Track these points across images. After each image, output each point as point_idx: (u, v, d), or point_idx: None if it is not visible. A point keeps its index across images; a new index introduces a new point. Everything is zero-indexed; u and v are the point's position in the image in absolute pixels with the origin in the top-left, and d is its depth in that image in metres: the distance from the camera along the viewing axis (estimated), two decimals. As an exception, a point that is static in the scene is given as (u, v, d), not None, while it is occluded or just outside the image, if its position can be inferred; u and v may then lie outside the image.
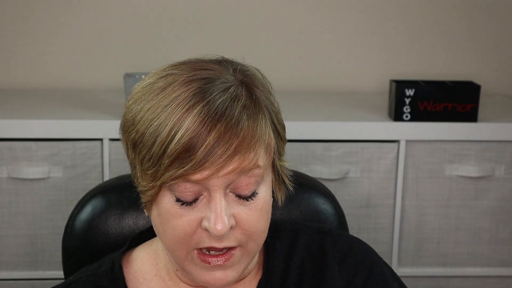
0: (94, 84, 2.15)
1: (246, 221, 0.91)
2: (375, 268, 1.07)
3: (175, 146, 0.86)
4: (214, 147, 0.86)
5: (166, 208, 0.91)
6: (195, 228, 0.90)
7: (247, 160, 0.88)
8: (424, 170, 1.81)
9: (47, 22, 2.11)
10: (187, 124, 0.86)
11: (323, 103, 2.01)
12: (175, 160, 0.86)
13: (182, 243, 0.91)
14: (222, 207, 0.88)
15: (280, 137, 0.97)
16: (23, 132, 1.71)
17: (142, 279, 1.03)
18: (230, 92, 0.89)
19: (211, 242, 0.90)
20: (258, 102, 0.92)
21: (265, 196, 0.93)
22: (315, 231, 1.09)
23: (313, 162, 1.78)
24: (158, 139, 0.87)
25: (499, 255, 1.87)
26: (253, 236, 0.93)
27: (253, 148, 0.88)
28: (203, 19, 2.14)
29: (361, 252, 1.08)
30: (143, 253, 1.06)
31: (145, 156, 0.89)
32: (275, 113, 0.95)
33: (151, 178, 0.89)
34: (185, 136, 0.86)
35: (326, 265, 1.05)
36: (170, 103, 0.88)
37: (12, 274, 1.78)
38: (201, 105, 0.87)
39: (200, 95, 0.88)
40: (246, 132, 0.87)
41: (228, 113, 0.87)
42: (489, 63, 2.23)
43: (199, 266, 0.93)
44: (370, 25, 2.19)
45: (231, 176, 0.88)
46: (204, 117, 0.86)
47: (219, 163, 0.86)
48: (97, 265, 1.06)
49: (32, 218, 1.75)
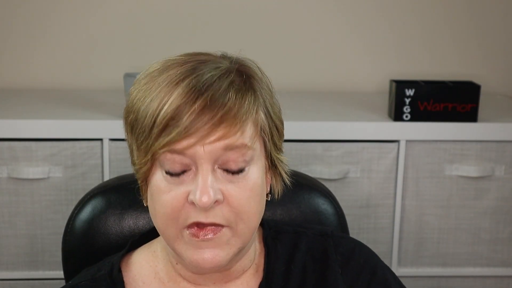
0: (94, 84, 2.15)
1: (234, 198, 0.91)
2: (377, 271, 1.07)
3: (163, 115, 0.89)
4: (200, 114, 0.88)
5: (156, 185, 0.93)
6: (183, 203, 0.91)
7: (232, 131, 0.90)
8: (424, 170, 1.81)
9: (47, 22, 2.11)
10: (175, 95, 0.90)
11: (323, 103, 2.01)
12: (163, 129, 0.89)
13: (171, 220, 0.92)
14: (207, 179, 0.90)
15: (277, 129, 0.98)
16: (23, 132, 1.71)
17: (141, 283, 1.03)
18: (221, 69, 0.93)
19: (198, 217, 0.91)
20: (249, 83, 0.94)
21: (256, 178, 0.94)
22: (317, 234, 1.09)
23: (313, 162, 1.78)
24: (149, 111, 0.91)
25: (499, 255, 1.88)
26: (243, 216, 0.92)
27: (239, 121, 0.90)
28: (203, 19, 2.14)
29: (363, 255, 1.08)
30: (142, 256, 1.06)
31: (139, 132, 0.92)
32: (271, 105, 0.97)
33: (144, 153, 0.92)
34: (172, 105, 0.89)
35: (329, 268, 1.04)
36: (163, 81, 0.92)
37: (12, 274, 1.78)
38: (189, 79, 0.91)
39: (190, 71, 0.92)
40: (232, 104, 0.90)
41: (216, 85, 0.90)
42: (489, 63, 2.23)
43: (189, 244, 0.93)
44: (370, 25, 2.19)
45: (218, 149, 0.89)
46: (191, 88, 0.90)
47: (204, 130, 0.88)
48: (96, 268, 1.05)
49: (32, 218, 1.75)
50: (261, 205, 0.96)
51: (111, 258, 1.07)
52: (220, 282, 1.02)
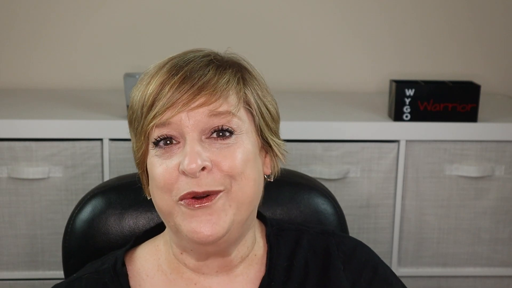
0: (94, 84, 2.15)
1: (224, 162, 0.94)
2: (379, 269, 1.09)
3: (149, 94, 0.96)
4: (180, 84, 0.94)
5: (151, 162, 0.97)
6: (175, 175, 0.94)
7: (213, 99, 0.94)
8: (424, 170, 1.81)
9: (47, 22, 2.12)
10: (159, 75, 0.97)
11: (323, 103, 2.01)
12: (150, 106, 0.95)
13: (166, 193, 0.95)
14: (194, 147, 0.93)
15: (268, 111, 1.01)
16: (23, 132, 1.71)
17: (145, 276, 1.04)
18: (204, 53, 1.00)
19: (192, 187, 0.93)
20: (232, 64, 1.00)
21: (247, 145, 0.97)
22: (319, 232, 1.11)
23: (313, 162, 1.78)
24: (140, 97, 0.98)
25: (499, 255, 1.88)
26: (237, 178, 0.95)
27: (219, 90, 0.95)
28: (203, 19, 2.14)
29: (365, 254, 1.10)
30: (146, 250, 1.08)
31: (135, 119, 0.99)
32: (260, 89, 1.01)
33: (139, 136, 0.98)
34: (156, 82, 0.96)
35: (331, 265, 1.06)
36: (150, 73, 0.99)
37: (12, 274, 1.78)
38: (172, 62, 0.98)
39: (176, 56, 1.00)
40: (212, 75, 0.96)
41: (196, 61, 0.97)
42: (489, 63, 2.23)
43: (185, 214, 0.94)
44: (370, 25, 2.19)
45: (202, 117, 0.94)
46: (173, 66, 0.96)
47: (186, 98, 0.93)
48: (100, 262, 1.07)
49: (32, 218, 1.75)
50: (255, 173, 0.98)
51: (115, 252, 1.09)
52: (222, 271, 1.03)
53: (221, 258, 1.02)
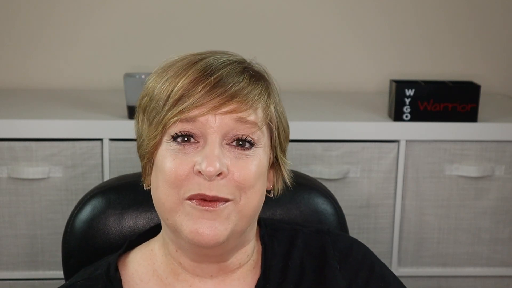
0: (94, 84, 2.15)
1: (239, 172, 0.93)
2: (375, 267, 1.08)
3: (178, 88, 0.93)
4: (214, 87, 0.92)
5: (162, 154, 0.95)
6: (187, 172, 0.93)
7: (243, 107, 0.93)
8: (424, 170, 1.81)
9: (47, 23, 2.12)
10: (191, 71, 0.94)
11: (323, 103, 2.01)
12: (177, 100, 0.93)
13: (174, 189, 0.93)
14: (215, 150, 0.92)
15: (284, 129, 1.01)
16: (23, 132, 1.71)
17: (139, 281, 1.03)
18: (236, 58, 0.98)
19: (202, 189, 0.92)
20: (262, 76, 0.99)
21: (262, 160, 0.96)
22: (313, 231, 1.10)
23: (313, 162, 1.78)
24: (165, 87, 0.95)
25: (499, 255, 1.88)
26: (246, 191, 0.94)
27: (251, 100, 0.94)
28: (203, 19, 2.14)
29: (361, 252, 1.09)
30: (140, 254, 1.06)
31: (153, 108, 0.96)
32: (280, 106, 1.01)
33: (155, 126, 0.95)
34: (188, 78, 0.93)
35: (327, 264, 1.05)
36: (180, 65, 0.96)
37: (12, 274, 1.78)
38: (206, 60, 0.96)
39: (208, 55, 0.97)
40: (246, 84, 0.94)
41: (231, 67, 0.95)
42: (489, 63, 2.23)
43: (189, 214, 0.93)
44: (370, 25, 2.19)
45: (228, 121, 0.93)
46: (207, 66, 0.94)
47: (217, 102, 0.92)
48: (93, 268, 1.06)
49: (32, 218, 1.75)
50: (263, 187, 0.98)
51: (108, 257, 1.07)
52: (217, 275, 1.02)
53: (217, 264, 1.01)
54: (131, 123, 1.72)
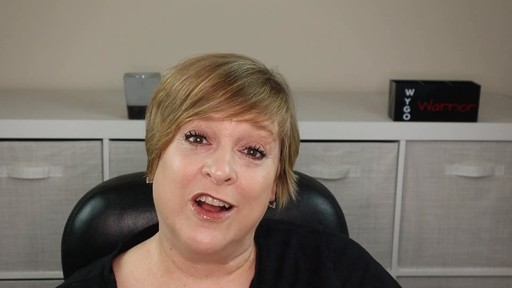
0: (94, 84, 2.15)
1: (247, 181, 0.93)
2: (370, 267, 1.08)
3: (199, 90, 0.92)
4: (235, 95, 0.92)
5: (173, 152, 0.94)
6: (195, 173, 0.92)
7: (261, 118, 0.93)
8: (424, 170, 1.81)
9: (47, 22, 2.12)
10: (214, 74, 0.93)
11: (323, 103, 2.01)
12: (196, 102, 0.92)
13: (180, 189, 0.93)
14: (226, 155, 0.92)
15: (295, 143, 1.02)
16: (23, 132, 1.71)
17: (134, 281, 1.03)
18: (259, 66, 0.98)
19: (208, 190, 0.92)
20: (282, 89, 0.99)
21: (270, 172, 0.96)
22: (308, 231, 1.10)
23: (313, 162, 1.78)
24: (185, 87, 0.94)
25: (499, 255, 1.87)
26: (251, 201, 0.94)
27: (270, 112, 0.94)
28: (204, 19, 2.14)
29: (355, 252, 1.09)
30: (135, 255, 1.06)
31: (169, 105, 0.95)
32: (295, 120, 1.02)
33: (169, 123, 0.94)
34: (210, 81, 0.93)
35: (321, 264, 1.05)
36: (202, 65, 0.95)
37: (12, 274, 1.78)
38: (230, 64, 0.95)
39: (231, 60, 0.96)
40: (266, 96, 0.94)
41: (254, 76, 0.95)
42: (489, 63, 2.23)
43: (190, 220, 0.93)
44: (370, 25, 2.19)
45: (243, 128, 0.92)
46: (231, 71, 0.94)
47: (236, 110, 0.92)
48: (87, 270, 1.06)
49: (32, 218, 1.75)
50: (266, 199, 0.98)
51: (102, 259, 1.07)
52: (212, 276, 1.02)
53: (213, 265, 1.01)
54: (131, 123, 1.73)
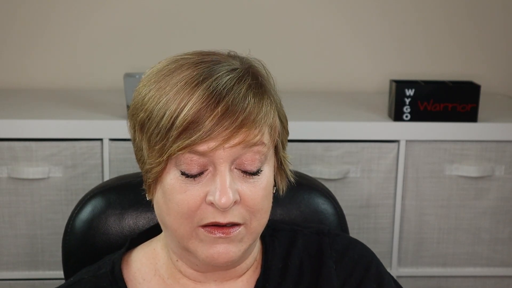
0: (94, 84, 2.15)
1: (250, 198, 0.93)
2: (371, 267, 1.07)
3: (183, 118, 0.89)
4: (221, 119, 0.89)
5: (171, 184, 0.92)
6: (200, 203, 0.91)
7: (252, 134, 0.91)
8: (424, 170, 1.81)
9: (47, 22, 2.11)
10: (196, 98, 0.89)
11: (323, 103, 2.01)
12: (183, 131, 0.89)
13: (186, 219, 0.92)
14: (227, 180, 0.90)
15: (283, 126, 1.00)
16: (23, 132, 1.71)
17: (141, 280, 1.03)
18: (237, 72, 0.93)
19: (215, 217, 0.91)
20: (263, 86, 0.95)
21: (269, 177, 0.96)
22: (313, 232, 1.10)
23: (313, 162, 1.78)
24: (167, 112, 0.90)
25: (499, 255, 1.87)
26: (256, 214, 0.94)
27: (259, 124, 0.91)
28: (203, 18, 2.14)
29: (357, 252, 1.09)
30: (142, 253, 1.06)
31: (153, 132, 0.91)
32: (278, 103, 0.99)
33: (158, 153, 0.91)
34: (194, 108, 0.89)
35: (324, 264, 1.06)
36: (179, 81, 0.91)
37: (12, 274, 1.78)
38: (209, 81, 0.90)
39: (208, 73, 0.92)
40: (252, 108, 0.91)
41: (235, 89, 0.91)
42: (489, 63, 2.23)
43: (203, 241, 0.93)
44: (370, 25, 2.19)
45: (237, 149, 0.91)
46: (212, 91, 0.90)
47: (226, 135, 0.89)
48: (97, 266, 1.06)
49: (32, 218, 1.75)
50: (270, 203, 0.99)
51: (112, 256, 1.07)
52: (221, 280, 1.02)
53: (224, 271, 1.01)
54: (131, 123, 1.73)
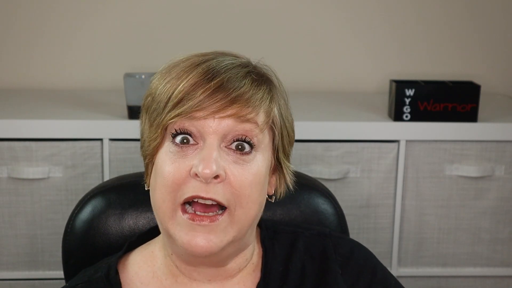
0: (94, 84, 2.15)
1: (237, 178, 0.92)
2: (377, 272, 1.07)
3: (179, 90, 0.93)
4: (214, 92, 0.92)
5: (162, 157, 0.95)
6: (185, 176, 0.92)
7: (244, 111, 0.92)
8: (424, 170, 1.81)
9: (47, 23, 2.12)
10: (192, 74, 0.93)
11: (323, 103, 2.01)
12: (178, 102, 0.92)
13: (170, 193, 0.93)
14: (212, 153, 0.91)
15: (288, 134, 1.00)
16: (23, 132, 1.71)
17: (139, 283, 1.03)
18: (240, 61, 0.97)
19: (197, 191, 0.91)
20: (267, 80, 0.97)
21: (260, 166, 0.95)
22: (315, 234, 1.09)
23: (313, 162, 1.78)
24: (166, 89, 0.94)
25: (499, 255, 1.88)
26: (242, 200, 0.93)
27: (252, 104, 0.93)
28: (204, 19, 2.14)
29: (362, 256, 1.08)
30: (140, 256, 1.06)
31: (154, 109, 0.96)
32: (285, 110, 1.00)
33: (155, 128, 0.95)
34: (189, 81, 0.93)
35: (329, 268, 1.05)
36: (183, 66, 0.96)
37: (12, 274, 1.78)
38: (209, 62, 0.95)
39: (211, 57, 0.96)
40: (247, 89, 0.93)
41: (234, 71, 0.94)
42: (489, 63, 2.23)
43: (183, 225, 0.93)
44: (370, 25, 2.19)
45: (228, 124, 0.92)
46: (209, 69, 0.94)
47: (217, 107, 0.91)
48: (93, 270, 1.05)
49: (32, 218, 1.75)
50: (261, 196, 0.97)
51: (108, 259, 1.07)
52: (215, 279, 1.02)
53: (214, 268, 1.00)
54: (131, 123, 1.73)
